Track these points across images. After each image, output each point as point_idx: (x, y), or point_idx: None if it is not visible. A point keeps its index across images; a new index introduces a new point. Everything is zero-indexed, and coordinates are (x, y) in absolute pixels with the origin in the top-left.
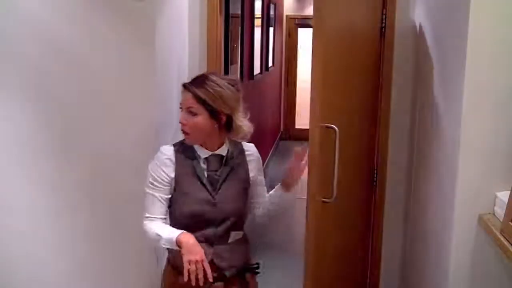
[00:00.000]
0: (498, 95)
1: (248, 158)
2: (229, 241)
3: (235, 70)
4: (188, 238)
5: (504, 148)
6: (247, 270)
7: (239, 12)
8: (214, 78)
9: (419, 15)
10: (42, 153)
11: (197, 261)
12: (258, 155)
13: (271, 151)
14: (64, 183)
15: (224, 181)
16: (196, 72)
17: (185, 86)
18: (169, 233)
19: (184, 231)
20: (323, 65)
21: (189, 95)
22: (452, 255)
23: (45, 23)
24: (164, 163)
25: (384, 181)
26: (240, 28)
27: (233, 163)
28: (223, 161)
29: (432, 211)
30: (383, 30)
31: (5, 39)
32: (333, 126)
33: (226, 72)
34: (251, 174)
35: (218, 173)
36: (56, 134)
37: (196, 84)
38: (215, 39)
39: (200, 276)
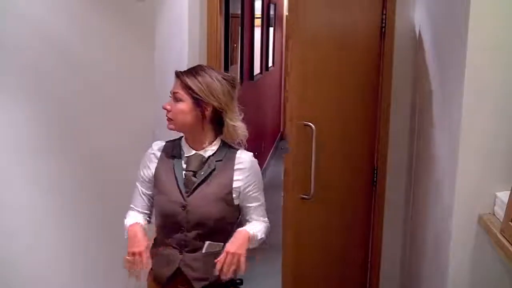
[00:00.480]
0: (498, 95)
1: (236, 166)
2: (203, 251)
3: (235, 70)
4: (133, 229)
5: (504, 148)
6: (226, 286)
7: (239, 12)
8: (208, 69)
9: (419, 16)
10: (41, 153)
11: (134, 252)
12: (253, 168)
13: (271, 151)
14: (63, 183)
15: (200, 183)
16: None
17: (176, 73)
18: (127, 222)
19: (136, 222)
20: (300, 65)
21: (178, 82)
22: (452, 255)
23: (45, 23)
24: (149, 158)
25: (384, 181)
26: (240, 28)
27: (216, 166)
28: (206, 162)
29: (432, 211)
30: (383, 30)
31: (5, 39)
32: (310, 124)
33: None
34: (235, 184)
35: (197, 174)
36: (55, 134)
37: (187, 72)
38: (215, 39)
39: (137, 268)
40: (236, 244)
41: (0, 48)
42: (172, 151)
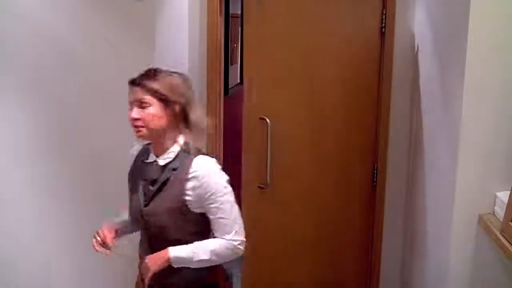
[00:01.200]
0: (498, 95)
1: (192, 174)
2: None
3: (235, 70)
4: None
5: (504, 148)
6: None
7: (239, 12)
8: (161, 69)
9: (419, 15)
10: (41, 153)
11: (97, 232)
12: (211, 175)
13: None
14: (63, 183)
15: (157, 193)
16: (196, 72)
17: (132, 81)
18: None
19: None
20: (258, 62)
21: (137, 89)
22: (452, 255)
23: (45, 23)
24: (129, 161)
25: (384, 181)
26: (240, 28)
27: (172, 176)
28: (164, 171)
29: (432, 211)
30: (383, 30)
31: (5, 39)
32: (265, 117)
33: (226, 72)
34: (188, 197)
35: (155, 183)
36: (55, 134)
37: (143, 77)
38: (215, 39)
39: (98, 240)
40: (155, 257)
41: (0, 48)
42: (143, 155)
